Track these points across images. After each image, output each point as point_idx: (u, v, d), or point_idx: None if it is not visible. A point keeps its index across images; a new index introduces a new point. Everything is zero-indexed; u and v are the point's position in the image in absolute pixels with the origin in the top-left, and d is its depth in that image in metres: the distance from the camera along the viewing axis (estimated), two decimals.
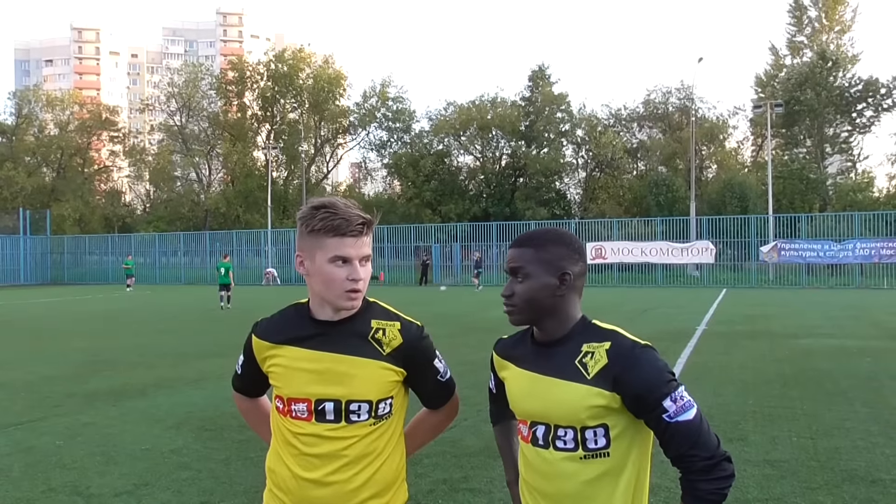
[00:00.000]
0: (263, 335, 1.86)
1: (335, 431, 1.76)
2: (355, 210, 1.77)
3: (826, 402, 7.01)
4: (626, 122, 50.51)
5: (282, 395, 1.81)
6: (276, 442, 1.85)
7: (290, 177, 57.06)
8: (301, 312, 1.86)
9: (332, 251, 1.74)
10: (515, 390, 1.76)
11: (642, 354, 1.60)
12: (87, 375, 9.14)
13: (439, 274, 37.76)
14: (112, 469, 5.04)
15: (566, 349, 1.66)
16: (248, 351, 1.91)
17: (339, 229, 1.73)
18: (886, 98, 43.57)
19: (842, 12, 47.58)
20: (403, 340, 1.85)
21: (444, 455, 5.27)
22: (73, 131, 57.57)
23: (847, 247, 30.10)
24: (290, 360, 1.80)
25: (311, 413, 1.77)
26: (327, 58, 57.13)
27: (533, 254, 1.68)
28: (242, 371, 1.96)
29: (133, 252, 45.14)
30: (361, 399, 1.77)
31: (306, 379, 1.78)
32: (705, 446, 1.56)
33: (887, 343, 11.50)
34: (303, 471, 1.76)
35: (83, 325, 16.51)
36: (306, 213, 1.78)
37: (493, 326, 14.65)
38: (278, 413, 1.83)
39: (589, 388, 1.60)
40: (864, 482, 4.58)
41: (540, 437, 1.68)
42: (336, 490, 1.75)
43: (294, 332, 1.82)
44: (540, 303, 1.67)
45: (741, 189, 40.44)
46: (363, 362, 1.78)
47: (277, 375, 1.83)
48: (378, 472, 1.81)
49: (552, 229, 1.75)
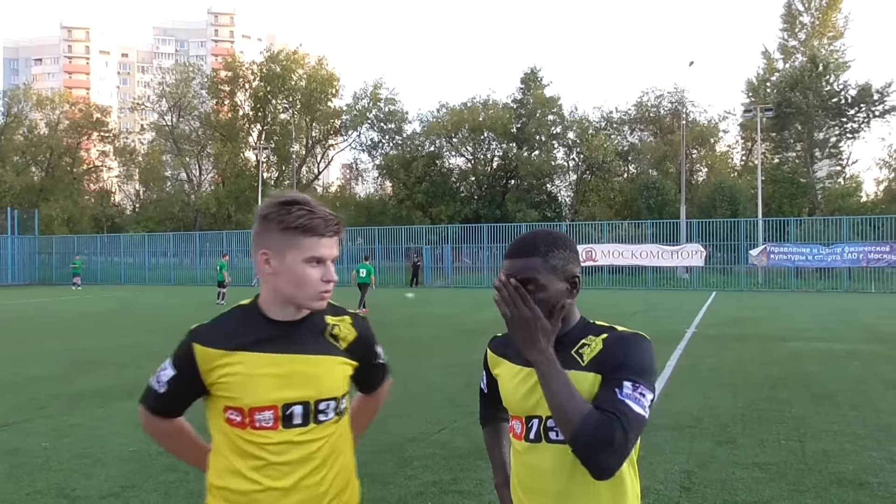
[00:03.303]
0: (210, 343, 1.68)
1: (305, 435, 1.70)
2: (327, 209, 1.71)
3: (814, 405, 7.04)
4: (617, 124, 50.67)
5: (239, 407, 1.67)
6: (227, 458, 1.70)
7: (281, 177, 56.94)
8: (251, 314, 1.74)
9: (308, 251, 1.66)
10: (510, 386, 1.73)
11: (632, 339, 1.61)
12: (74, 376, 9.07)
13: (430, 276, 37.75)
14: (99, 471, 4.99)
15: (564, 343, 1.66)
16: (185, 364, 1.69)
17: (317, 229, 1.66)
18: (878, 104, 43.89)
19: (835, 18, 47.90)
20: (358, 334, 1.84)
21: (433, 457, 5.26)
22: (63, 131, 57.23)
23: (836, 251, 30.28)
24: (249, 367, 1.67)
25: (277, 420, 1.67)
26: (321, 59, 57.08)
27: (542, 262, 1.64)
28: (170, 389, 1.72)
29: (122, 253, 44.97)
30: (329, 397, 1.74)
31: (271, 384, 1.67)
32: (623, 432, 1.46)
33: (875, 347, 11.57)
34: (273, 481, 1.66)
35: (70, 326, 16.40)
36: (277, 209, 1.67)
37: (485, 328, 14.65)
38: (230, 426, 1.68)
39: (583, 374, 1.59)
40: (852, 485, 4.60)
41: (533, 432, 1.67)
42: (308, 494, 1.70)
43: (249, 336, 1.69)
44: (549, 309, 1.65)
45: (731, 192, 40.63)
46: (326, 360, 1.75)
47: (233, 385, 1.67)
48: (342, 468, 1.80)
49: (547, 232, 1.72)
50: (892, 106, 43.49)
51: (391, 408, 7.68)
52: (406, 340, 12.80)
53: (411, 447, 5.56)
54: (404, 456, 5.32)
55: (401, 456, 5.31)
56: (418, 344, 12.24)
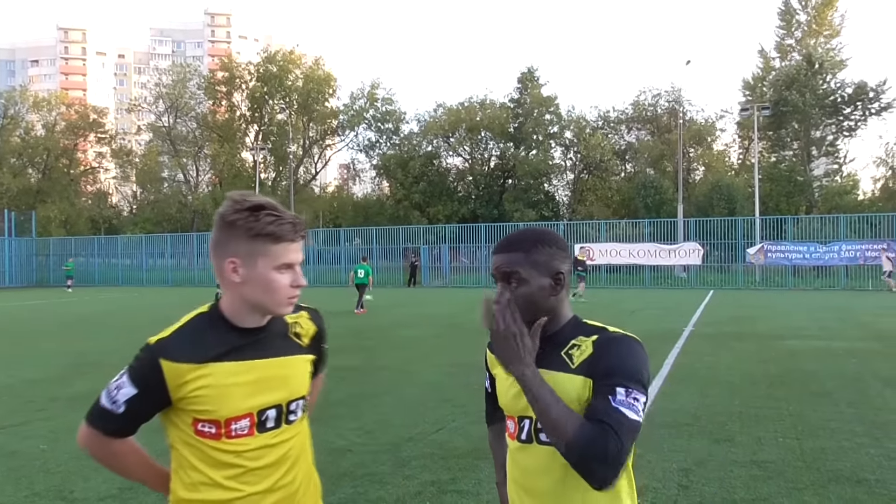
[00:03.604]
0: (179, 357, 1.59)
1: (278, 436, 1.69)
2: (290, 211, 1.66)
3: (812, 402, 7.06)
4: (614, 124, 50.69)
5: (214, 419, 1.62)
6: (199, 470, 1.64)
7: (279, 178, 56.91)
8: (215, 322, 1.67)
9: (280, 258, 1.62)
10: (504, 386, 1.75)
11: (625, 340, 1.61)
12: (72, 378, 9.06)
13: (428, 275, 37.75)
14: (97, 473, 4.98)
15: (554, 343, 1.66)
16: (150, 381, 1.59)
17: (287, 235, 1.62)
18: (874, 102, 43.97)
19: (831, 16, 47.96)
20: (317, 328, 1.84)
21: (432, 457, 5.27)
22: (60, 132, 57.15)
23: (832, 249, 30.34)
24: (221, 378, 1.61)
25: (253, 426, 1.65)
26: (318, 59, 57.06)
27: (524, 257, 1.66)
28: (130, 408, 1.61)
29: (119, 254, 44.91)
30: (298, 397, 1.74)
31: (245, 392, 1.63)
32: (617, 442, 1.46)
33: (872, 344, 11.58)
34: (251, 486, 1.64)
35: (68, 328, 16.38)
36: (245, 216, 1.60)
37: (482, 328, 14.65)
38: (202, 438, 1.62)
39: (573, 377, 1.60)
40: (850, 482, 4.61)
41: (525, 432, 1.68)
42: (284, 493, 1.69)
43: (218, 345, 1.63)
44: (538, 305, 1.66)
45: (728, 191, 40.68)
46: (293, 360, 1.74)
47: (207, 398, 1.60)
48: (309, 461, 1.81)
49: (535, 229, 1.73)
50: (887, 103, 43.59)
51: (389, 407, 7.70)
52: (404, 340, 12.80)
53: (409, 447, 5.56)
54: (402, 456, 5.32)
55: (399, 456, 5.32)
56: (416, 344, 12.24)
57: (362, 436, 5.91)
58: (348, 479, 4.77)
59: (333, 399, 7.27)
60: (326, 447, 5.48)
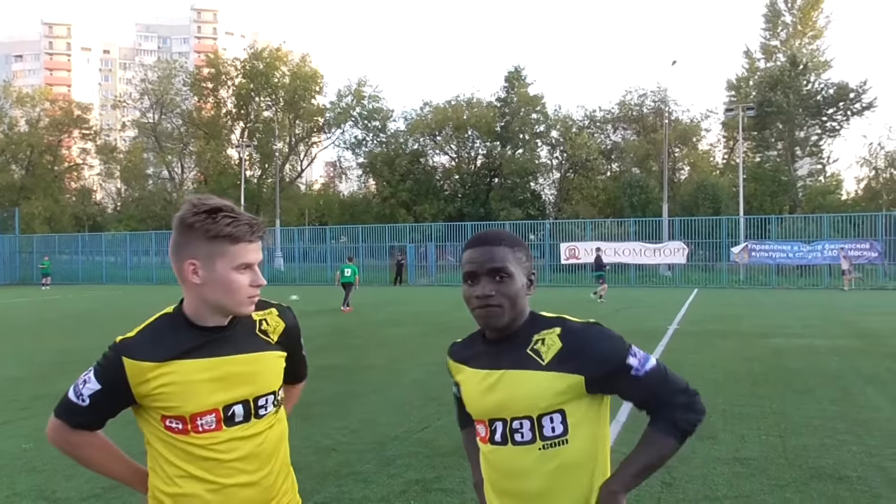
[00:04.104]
0: (140, 356, 1.66)
1: (248, 430, 1.72)
2: (246, 212, 1.70)
3: (795, 400, 7.12)
4: (600, 123, 50.88)
5: (180, 415, 1.67)
6: (173, 464, 1.69)
7: (264, 175, 56.64)
8: (177, 323, 1.72)
9: (238, 259, 1.66)
10: (471, 391, 1.75)
11: (594, 331, 1.63)
12: (56, 377, 8.97)
13: (414, 274, 37.73)
14: (80, 472, 4.94)
15: (516, 342, 1.66)
16: (111, 378, 1.67)
17: (244, 236, 1.65)
18: (856, 102, 44.42)
19: (816, 17, 48.38)
20: (286, 325, 1.85)
21: (416, 455, 5.27)
22: (44, 128, 56.56)
23: (816, 248, 30.62)
24: (185, 375, 1.66)
25: (220, 421, 1.69)
26: (304, 56, 56.83)
27: (511, 253, 1.66)
28: (92, 403, 1.69)
29: (104, 252, 44.51)
30: (267, 392, 1.76)
31: (210, 389, 1.67)
32: (679, 384, 1.65)
33: (854, 342, 11.70)
34: (227, 478, 1.68)
35: (52, 326, 16.23)
36: (202, 219, 1.64)
37: (469, 326, 14.61)
38: (172, 434, 1.68)
39: (546, 374, 1.60)
40: (832, 479, 4.66)
41: (498, 434, 1.67)
42: (263, 486, 1.74)
43: (180, 344, 1.68)
44: (517, 304, 1.66)
45: (713, 191, 40.95)
46: (261, 357, 1.76)
47: (171, 395, 1.66)
48: (285, 456, 1.85)
49: (505, 231, 1.75)
50: (868, 103, 44.05)
51: (375, 406, 7.67)
52: (389, 339, 12.79)
53: (394, 445, 5.56)
54: (387, 454, 5.31)
55: (384, 455, 5.31)
56: (402, 342, 12.24)
57: (348, 434, 5.90)
58: (333, 478, 4.76)
59: (319, 398, 7.24)
60: (311, 446, 5.47)
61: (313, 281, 37.56)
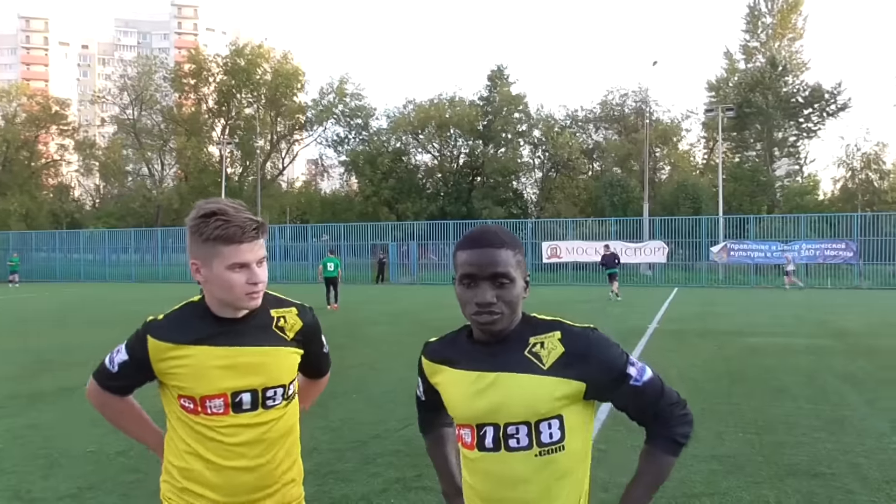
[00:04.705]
0: (162, 336, 1.84)
1: (254, 418, 1.85)
2: (246, 214, 1.80)
3: (771, 398, 7.21)
4: (582, 123, 51.12)
5: (192, 395, 1.83)
6: (184, 440, 1.86)
7: (246, 173, 56.29)
8: (200, 311, 1.88)
9: (229, 259, 1.77)
10: (457, 394, 1.66)
11: (596, 337, 1.59)
12: (31, 376, 8.87)
13: (396, 272, 37.69)
14: (56, 472, 4.90)
15: (511, 344, 1.59)
16: (137, 352, 1.87)
17: (234, 237, 1.75)
18: (831, 103, 45.00)
19: (794, 20, 48.92)
20: (304, 324, 1.97)
21: (398, 454, 5.27)
22: (20, 124, 55.76)
23: (793, 248, 30.99)
24: (199, 360, 1.81)
25: (227, 406, 1.83)
26: (286, 53, 56.54)
27: (513, 256, 1.58)
28: (120, 371, 1.90)
29: (82, 249, 43.98)
30: (276, 385, 1.88)
31: (220, 375, 1.81)
32: (672, 396, 1.64)
33: (830, 341, 11.87)
34: (226, 460, 1.82)
35: (28, 324, 16.02)
36: (197, 222, 1.78)
37: (451, 324, 14.61)
38: (185, 412, 1.84)
39: (548, 378, 1.55)
40: (806, 476, 4.73)
41: (489, 440, 1.59)
42: (262, 472, 1.85)
43: (198, 331, 1.83)
44: (517, 308, 1.60)
45: (693, 190, 41.31)
46: (273, 350, 1.88)
47: (184, 376, 1.82)
48: (291, 448, 1.96)
49: (504, 230, 1.65)
50: (843, 105, 44.64)
51: (356, 405, 7.64)
52: (371, 337, 12.77)
53: (375, 444, 5.56)
54: (368, 453, 5.31)
55: (364, 453, 5.31)
56: (383, 341, 12.22)
57: (328, 433, 5.89)
58: (313, 478, 4.74)
59: None
60: None
61: (295, 279, 37.37)
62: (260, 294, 1.85)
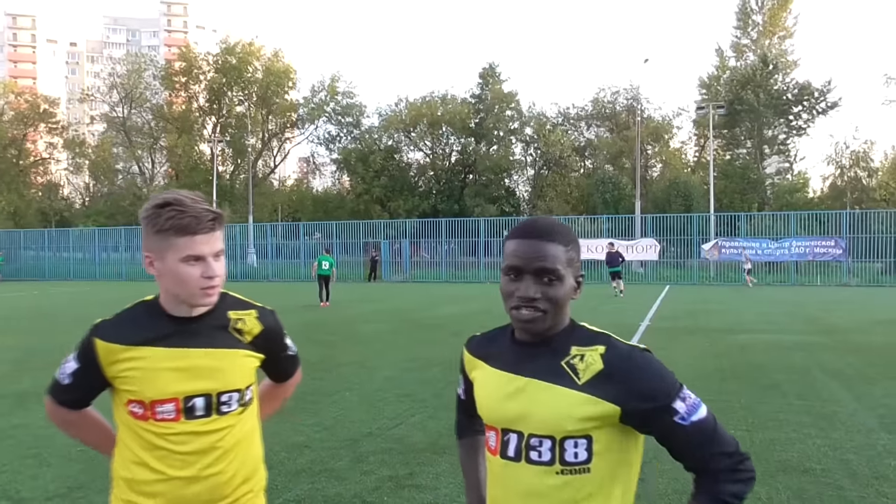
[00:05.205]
0: (112, 338, 1.73)
1: (207, 425, 1.73)
2: (203, 205, 1.70)
3: (762, 395, 7.24)
4: (574, 120, 51.21)
5: (141, 400, 1.71)
6: (131, 449, 1.74)
7: (237, 171, 56.12)
8: (153, 310, 1.77)
9: (183, 251, 1.68)
10: (486, 392, 1.56)
11: (642, 359, 1.46)
12: (19, 375, 8.82)
13: (388, 270, 37.65)
14: (44, 472, 4.86)
15: (551, 350, 1.49)
16: (87, 357, 1.75)
17: (188, 228, 1.66)
18: (820, 102, 45.23)
19: (785, 18, 49.14)
20: (263, 328, 1.85)
21: (390, 452, 5.26)
22: (8, 122, 55.39)
23: (783, 245, 31.14)
24: (150, 362, 1.71)
25: (179, 412, 1.71)
26: (277, 51, 56.39)
27: (564, 252, 1.47)
28: (73, 381, 1.78)
29: (71, 247, 43.72)
30: (231, 389, 1.77)
31: (172, 378, 1.71)
32: (726, 443, 1.44)
33: (820, 338, 11.93)
34: (175, 470, 1.70)
35: (16, 323, 15.90)
36: (151, 213, 1.70)
37: (443, 323, 14.67)
38: (133, 418, 1.72)
39: (580, 395, 1.42)
40: (797, 472, 4.76)
41: (511, 449, 1.48)
42: (212, 483, 1.73)
43: (150, 331, 1.73)
44: (563, 310, 1.49)
45: (685, 188, 41.45)
46: (228, 353, 1.77)
47: (134, 379, 1.71)
48: (247, 457, 1.82)
49: (559, 222, 1.52)
50: (833, 103, 44.88)
51: (348, 403, 7.62)
52: (363, 335, 12.75)
53: (367, 442, 5.55)
54: (360, 451, 5.30)
55: (357, 451, 5.30)
56: (375, 339, 12.21)
57: (320, 431, 5.88)
58: (306, 476, 4.74)
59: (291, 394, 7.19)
60: (284, 443, 5.44)
61: (286, 277, 37.28)
62: (216, 290, 1.74)
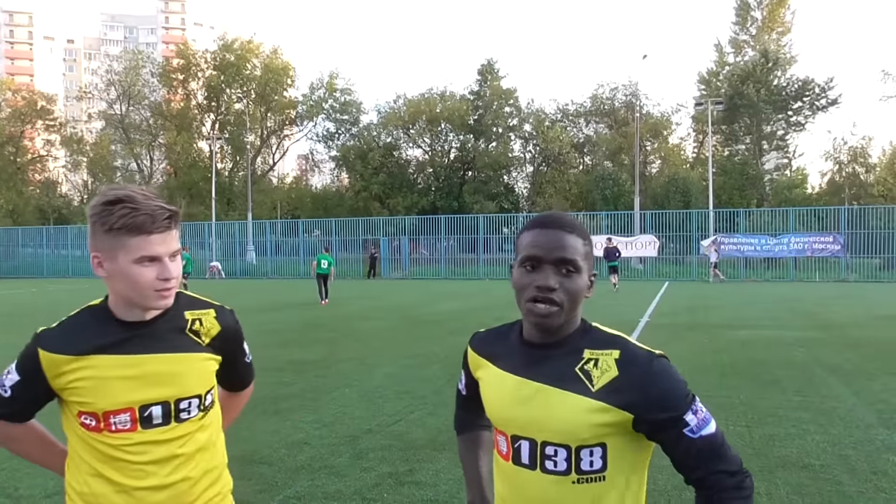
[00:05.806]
0: (56, 348, 1.61)
1: (166, 433, 1.64)
2: (157, 201, 1.58)
3: (761, 391, 7.25)
4: (573, 117, 51.12)
5: (93, 411, 1.61)
6: (86, 462, 1.64)
7: (236, 168, 56.02)
8: (100, 316, 1.66)
9: (137, 252, 1.55)
10: (495, 396, 1.51)
11: (658, 367, 1.42)
12: None
13: (387, 267, 37.65)
14: (42, 469, 4.83)
15: (563, 353, 1.44)
16: (29, 369, 1.62)
17: (143, 227, 1.55)
18: (821, 98, 45.21)
19: (783, 13, 49.10)
20: (222, 328, 1.75)
21: (390, 448, 5.26)
22: (5, 119, 55.28)
23: (782, 241, 31.17)
24: (101, 371, 1.60)
25: (135, 422, 1.61)
26: (275, 48, 56.27)
27: (582, 245, 1.43)
28: (14, 394, 1.65)
29: (70, 245, 43.68)
30: (191, 395, 1.67)
31: (126, 387, 1.60)
32: (731, 461, 1.40)
33: (819, 334, 11.95)
34: (136, 480, 1.61)
35: (13, 320, 15.89)
36: (100, 210, 1.56)
37: (442, 319, 14.68)
38: (86, 430, 1.62)
39: (594, 402, 1.38)
40: (796, 468, 4.76)
41: (525, 456, 1.45)
42: (176, 490, 1.65)
43: (99, 338, 1.61)
44: (577, 304, 1.44)
45: (684, 184, 41.44)
46: (186, 357, 1.67)
47: (85, 390, 1.60)
48: (210, 462, 1.74)
49: (574, 218, 1.49)
50: (833, 100, 44.86)
51: (348, 400, 7.62)
52: (362, 332, 12.76)
53: (367, 439, 5.55)
54: (360, 448, 5.30)
55: (357, 448, 5.30)
56: (375, 336, 12.21)
57: (320, 428, 5.88)
58: (306, 472, 4.74)
59: (291, 392, 7.20)
60: (284, 440, 5.44)
61: (285, 274, 37.28)
62: (172, 292, 1.63)
